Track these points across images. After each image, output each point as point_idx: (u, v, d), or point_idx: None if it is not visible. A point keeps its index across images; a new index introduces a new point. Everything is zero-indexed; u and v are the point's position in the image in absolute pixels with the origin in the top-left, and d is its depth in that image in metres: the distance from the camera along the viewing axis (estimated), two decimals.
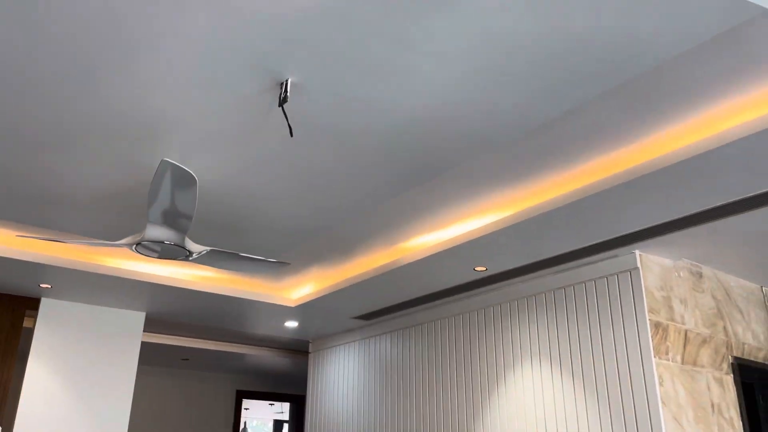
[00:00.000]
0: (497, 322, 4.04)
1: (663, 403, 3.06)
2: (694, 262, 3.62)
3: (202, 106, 2.24)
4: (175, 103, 2.21)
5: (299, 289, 4.66)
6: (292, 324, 5.26)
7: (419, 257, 3.65)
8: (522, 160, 2.71)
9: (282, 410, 10.26)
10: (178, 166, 2.07)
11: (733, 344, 3.62)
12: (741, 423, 3.41)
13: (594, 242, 3.29)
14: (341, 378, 5.37)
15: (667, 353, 3.22)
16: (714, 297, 3.65)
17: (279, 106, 2.04)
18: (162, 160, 2.06)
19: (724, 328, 3.61)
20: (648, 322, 3.20)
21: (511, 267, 3.65)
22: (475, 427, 3.99)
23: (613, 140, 2.54)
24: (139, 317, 4.87)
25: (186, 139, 2.48)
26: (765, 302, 3.97)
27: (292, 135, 2.03)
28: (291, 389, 8.45)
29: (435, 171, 2.77)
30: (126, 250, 3.89)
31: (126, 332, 4.78)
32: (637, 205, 2.85)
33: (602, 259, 3.47)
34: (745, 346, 3.69)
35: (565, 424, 3.44)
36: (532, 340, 3.77)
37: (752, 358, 3.67)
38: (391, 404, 4.74)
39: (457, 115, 2.30)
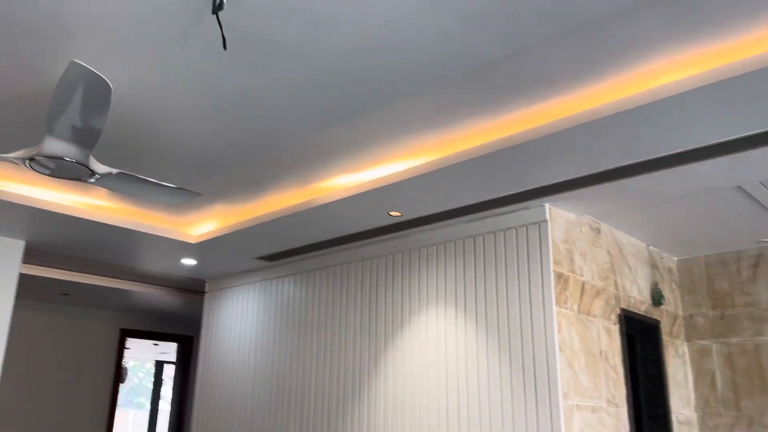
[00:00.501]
0: (406, 268, 4.07)
1: (560, 349, 3.24)
2: (594, 219, 3.81)
3: (122, 6, 1.98)
4: None
5: (201, 225, 4.43)
6: (189, 262, 5.02)
7: (334, 199, 3.56)
8: (443, 108, 2.68)
9: (166, 351, 9.94)
10: (90, 70, 1.82)
11: (622, 297, 3.89)
12: (623, 369, 3.70)
13: (507, 194, 3.36)
14: (240, 319, 5.23)
15: (566, 302, 3.39)
16: (609, 252, 3.88)
17: (213, 13, 1.84)
18: (71, 62, 1.80)
19: (615, 281, 3.87)
20: (552, 273, 3.35)
21: (426, 213, 3.66)
22: (377, 368, 4.04)
23: (535, 94, 2.56)
24: (18, 246, 4.42)
25: (98, 44, 2.19)
26: (649, 260, 4.29)
27: (225, 48, 1.85)
28: (179, 329, 8.18)
29: (369, 105, 2.66)
30: (9, 168, 3.47)
31: (2, 262, 4.33)
32: (551, 160, 2.93)
33: (514, 211, 3.57)
34: (631, 299, 3.98)
35: (465, 366, 3.56)
36: (439, 286, 3.84)
37: (635, 311, 3.97)
38: (292, 347, 4.70)
39: (403, 44, 2.19)
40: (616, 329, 3.75)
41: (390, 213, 3.66)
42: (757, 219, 3.72)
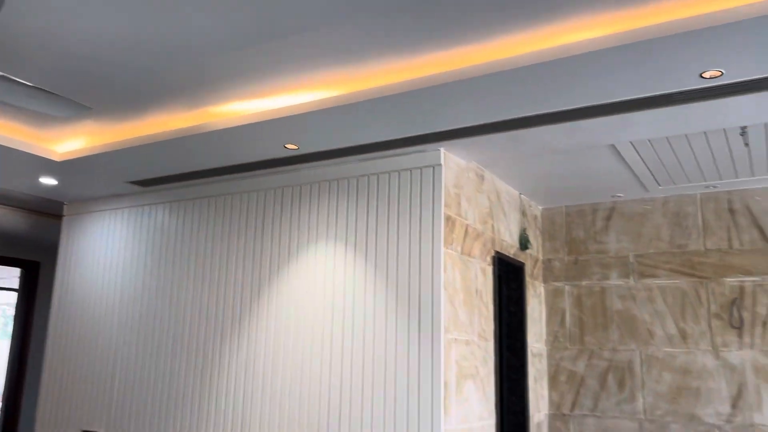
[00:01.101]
0: (296, 202, 4.02)
1: (444, 287, 3.43)
2: (479, 166, 4.00)
3: None
4: None
5: (68, 142, 4.00)
6: (49, 181, 4.54)
7: (227, 126, 3.38)
8: (351, 44, 2.63)
9: (4, 276, 9.01)
10: None
11: (496, 240, 4.16)
12: (493, 306, 4.01)
13: (406, 136, 3.41)
14: (106, 248, 4.88)
15: (452, 244, 3.57)
16: (489, 198, 4.11)
17: None
18: None
19: (492, 226, 4.12)
20: (443, 215, 3.49)
21: (323, 149, 3.61)
22: (260, 303, 4.01)
23: (445, 40, 2.59)
24: None
25: None
26: (520, 207, 4.61)
27: None
28: (21, 254, 7.44)
29: (265, 34, 2.52)
30: None
31: None
32: (452, 106, 3.00)
33: (410, 153, 3.63)
34: (503, 243, 4.27)
35: (353, 301, 3.65)
36: (330, 222, 3.85)
37: (506, 254, 4.28)
38: (166, 279, 4.49)
39: None
40: (489, 270, 4.02)
41: (286, 146, 3.56)
42: (618, 176, 4.12)
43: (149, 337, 4.46)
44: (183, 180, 4.32)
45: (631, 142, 3.46)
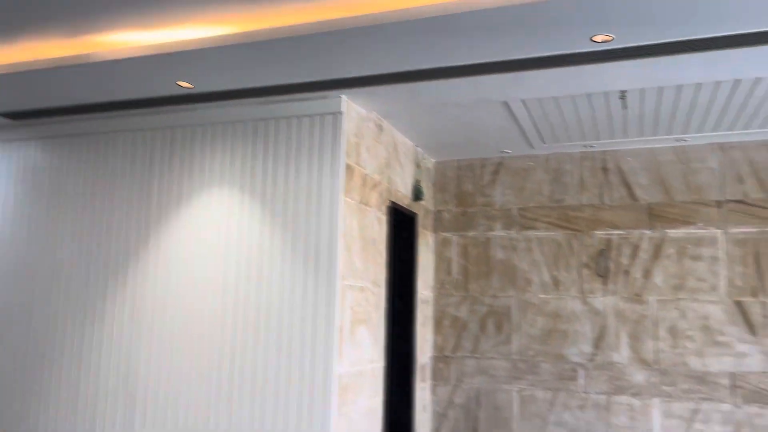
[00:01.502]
0: (189, 144, 3.83)
1: (342, 235, 3.46)
2: (379, 116, 4.02)
3: None
4: None
5: None
6: None
7: (113, 57, 3.13)
8: None
9: None
10: None
11: (392, 191, 4.24)
12: (386, 254, 4.11)
13: (307, 80, 3.35)
14: None
15: (351, 193, 3.59)
16: (386, 149, 4.16)
17: None
18: None
19: (389, 177, 4.19)
20: (343, 164, 3.49)
21: (219, 89, 3.45)
22: (148, 248, 3.84)
23: None
24: None
25: None
26: (415, 159, 4.72)
27: None
28: None
29: None
30: None
31: None
32: (353, 54, 2.98)
33: (311, 99, 3.57)
34: (399, 193, 4.37)
35: (248, 248, 3.59)
36: (225, 166, 3.73)
37: (400, 204, 4.38)
38: (39, 220, 4.15)
39: None
40: (385, 219, 4.11)
41: (179, 83, 3.37)
42: (508, 133, 4.32)
43: (23, 285, 4.14)
44: (60, 114, 3.97)
45: (522, 100, 3.63)
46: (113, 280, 3.89)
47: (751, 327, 4.14)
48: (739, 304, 4.19)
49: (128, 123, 3.98)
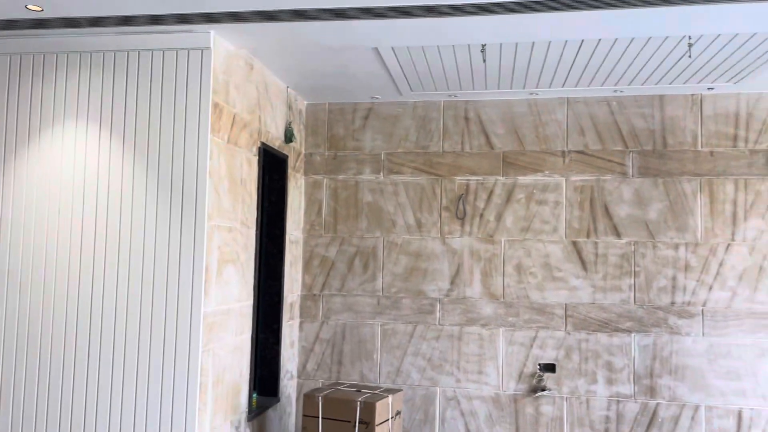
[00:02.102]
0: (39, 73, 3.55)
1: (210, 175, 3.43)
2: (249, 54, 3.95)
3: None
4: None
5: None
6: None
7: None
8: None
9: None
10: None
11: (262, 132, 4.23)
12: (256, 194, 4.13)
13: (172, 12, 3.22)
14: None
15: (219, 132, 3.55)
16: (257, 89, 4.12)
17: None
18: None
19: (259, 117, 4.17)
20: (211, 101, 3.43)
21: (73, 15, 3.21)
22: None
23: None
24: None
25: None
26: (287, 101, 4.71)
27: None
28: None
29: None
30: None
31: None
32: None
33: (176, 32, 3.43)
34: (269, 134, 4.36)
35: (108, 186, 3.46)
36: (81, 100, 3.51)
37: (271, 145, 4.38)
38: None
39: None
40: (255, 160, 4.11)
41: (28, 6, 3.09)
42: (378, 79, 4.43)
43: None
44: None
45: (392, 48, 3.74)
46: None
47: (583, 264, 4.69)
48: (575, 244, 4.72)
49: None
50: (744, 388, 4.39)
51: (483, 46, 3.64)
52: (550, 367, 4.66)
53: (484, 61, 3.89)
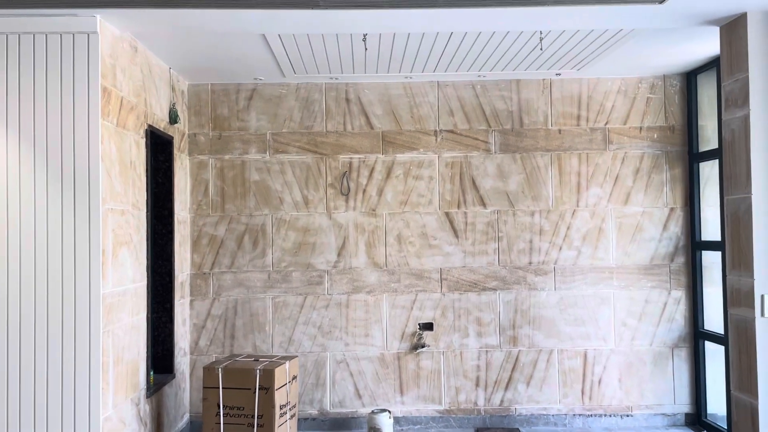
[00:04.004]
0: None
1: (102, 159, 3.47)
2: (133, 37, 3.96)
3: None
4: None
5: None
6: None
7: None
8: None
9: None
10: None
11: (148, 114, 4.26)
12: (145, 176, 4.18)
13: None
14: None
15: (108, 116, 3.58)
16: (142, 71, 4.14)
17: None
18: None
19: (145, 99, 4.19)
20: (99, 86, 3.44)
21: None
22: None
23: None
24: None
25: None
26: (170, 82, 4.73)
27: None
28: None
29: None
30: None
31: None
32: None
33: (59, 15, 3.38)
34: (155, 116, 4.39)
35: None
36: None
37: (157, 127, 4.42)
38: None
39: None
40: (143, 142, 4.14)
41: None
42: (262, 62, 4.59)
43: None
44: None
45: (278, 35, 3.93)
46: None
47: (455, 232, 5.22)
48: (447, 215, 5.23)
49: None
50: (588, 332, 5.18)
51: (365, 35, 3.95)
52: (428, 326, 5.18)
53: (366, 49, 4.20)
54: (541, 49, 4.28)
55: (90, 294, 3.41)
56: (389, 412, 4.85)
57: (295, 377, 4.48)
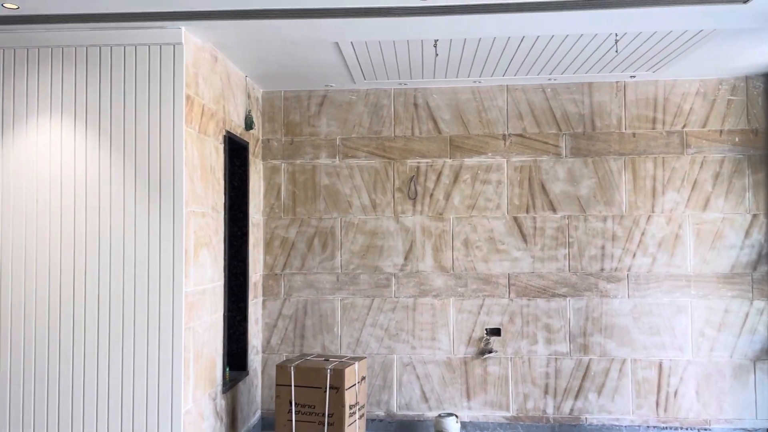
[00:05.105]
0: (10, 67, 3.62)
1: (185, 164, 3.64)
2: (214, 47, 4.14)
3: None
4: None
5: None
6: None
7: None
8: None
9: None
10: None
11: (226, 120, 4.43)
12: (223, 180, 4.35)
13: (146, 11, 3.38)
14: None
15: (191, 123, 3.75)
16: (221, 80, 4.32)
17: None
18: None
19: (224, 107, 4.37)
20: (184, 94, 3.62)
21: (49, 12, 3.32)
22: None
23: None
24: None
25: None
26: (246, 90, 4.90)
27: None
28: None
29: None
30: None
31: None
32: None
33: (148, 28, 3.59)
34: (232, 123, 4.57)
35: (85, 178, 3.60)
36: (55, 93, 3.62)
37: (234, 133, 4.59)
38: None
39: None
40: (221, 148, 4.32)
41: (5, 5, 3.18)
42: (334, 69, 4.70)
43: None
44: None
45: (351, 42, 4.02)
46: None
47: (524, 237, 5.17)
48: (515, 219, 5.19)
49: None
50: (663, 341, 5.02)
51: (435, 41, 3.98)
52: (495, 331, 5.15)
53: (437, 54, 4.24)
54: (617, 51, 4.19)
55: (173, 292, 3.58)
56: (456, 416, 4.85)
57: (363, 378, 4.55)
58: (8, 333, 3.61)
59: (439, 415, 4.86)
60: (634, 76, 4.98)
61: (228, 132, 4.43)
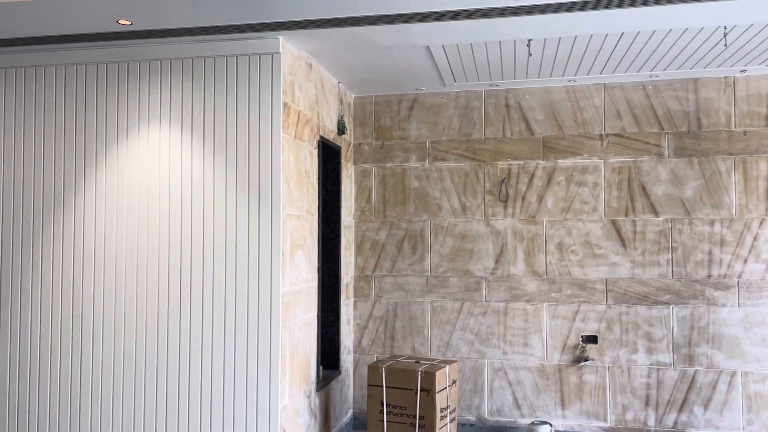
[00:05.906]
0: (124, 80, 3.91)
1: (282, 168, 3.78)
2: (309, 55, 4.27)
3: None
4: None
5: None
6: None
7: None
8: None
9: None
10: None
11: (320, 126, 4.56)
12: (317, 184, 4.47)
13: (246, 23, 3.54)
14: None
15: (288, 129, 3.88)
16: (315, 87, 4.44)
17: None
18: None
19: (318, 113, 4.49)
20: (281, 101, 3.76)
21: (158, 27, 3.54)
22: (87, 184, 3.94)
23: None
24: None
25: None
26: (339, 95, 5.02)
27: None
28: None
29: None
30: None
31: None
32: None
33: (248, 39, 3.75)
34: (325, 128, 4.69)
35: (191, 183, 3.82)
36: (164, 102, 3.86)
37: (327, 138, 4.71)
38: None
39: None
40: (315, 152, 4.44)
41: (119, 21, 3.43)
42: (424, 72, 4.72)
43: None
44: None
45: (442, 45, 4.02)
46: (47, 220, 3.98)
47: (622, 241, 4.96)
48: (613, 223, 4.99)
49: (60, 57, 3.96)
50: None
51: (529, 41, 3.91)
52: (592, 339, 4.96)
53: (530, 54, 4.16)
54: (725, 45, 3.94)
55: (271, 291, 3.72)
56: (550, 425, 4.72)
57: (454, 381, 4.52)
58: (122, 330, 3.88)
59: (533, 423, 4.75)
60: (744, 71, 4.66)
61: (322, 137, 4.55)
